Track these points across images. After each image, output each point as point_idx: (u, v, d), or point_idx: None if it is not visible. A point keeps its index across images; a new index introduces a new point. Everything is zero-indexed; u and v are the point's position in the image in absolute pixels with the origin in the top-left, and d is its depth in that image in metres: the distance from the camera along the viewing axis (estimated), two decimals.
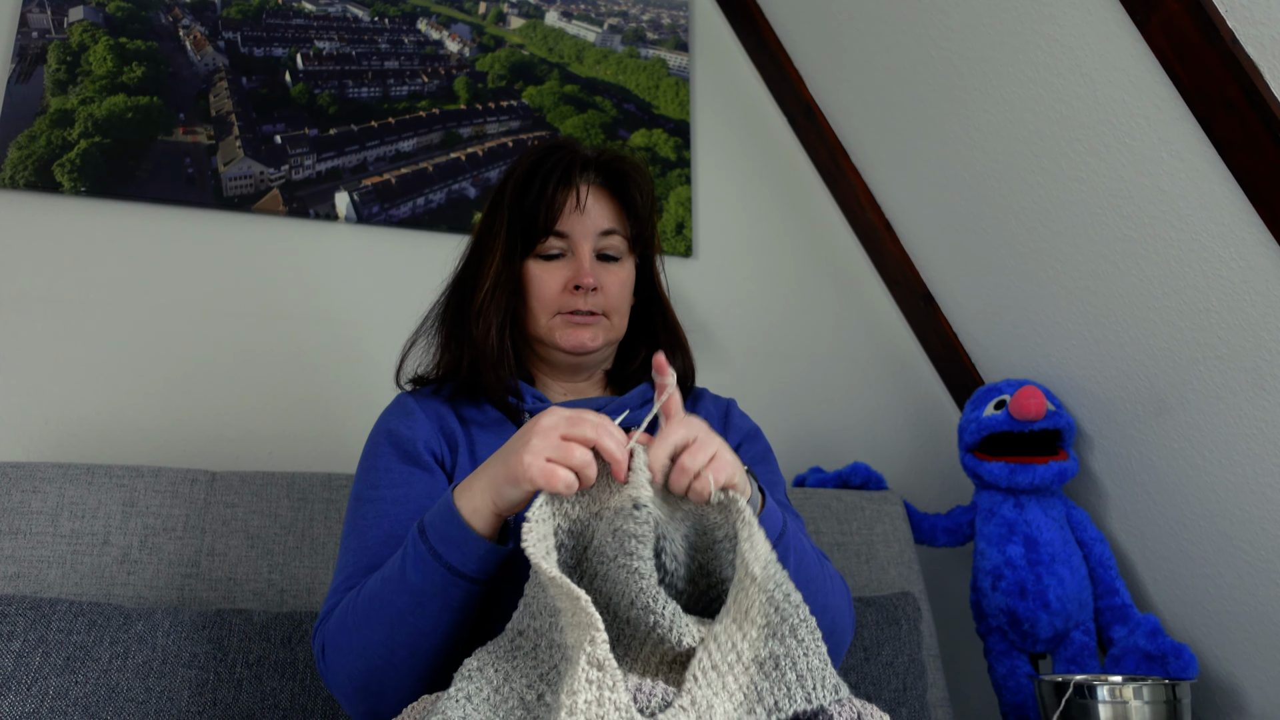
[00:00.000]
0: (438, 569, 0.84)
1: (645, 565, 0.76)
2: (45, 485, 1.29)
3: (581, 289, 1.08)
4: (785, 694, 0.72)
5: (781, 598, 0.76)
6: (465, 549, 0.84)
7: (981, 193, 1.76)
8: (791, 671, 0.73)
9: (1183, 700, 1.39)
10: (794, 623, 0.76)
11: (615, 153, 1.14)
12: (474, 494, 0.84)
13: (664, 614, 0.76)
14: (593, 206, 1.10)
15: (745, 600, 0.77)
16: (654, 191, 1.16)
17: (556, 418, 0.81)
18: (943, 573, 1.95)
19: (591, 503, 0.81)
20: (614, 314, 1.11)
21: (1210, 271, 1.43)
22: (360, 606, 0.89)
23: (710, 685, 0.72)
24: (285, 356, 1.65)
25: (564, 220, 1.09)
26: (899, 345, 2.09)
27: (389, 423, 1.07)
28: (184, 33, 1.73)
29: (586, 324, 1.09)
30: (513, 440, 0.83)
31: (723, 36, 2.12)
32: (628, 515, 0.77)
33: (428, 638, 0.86)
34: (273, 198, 1.70)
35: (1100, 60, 1.46)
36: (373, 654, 0.87)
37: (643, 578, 0.76)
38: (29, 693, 1.06)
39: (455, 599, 0.85)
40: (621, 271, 1.12)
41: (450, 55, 1.90)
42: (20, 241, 1.55)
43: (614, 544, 0.77)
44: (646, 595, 0.76)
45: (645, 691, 0.71)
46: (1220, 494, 1.54)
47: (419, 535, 0.86)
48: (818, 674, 0.74)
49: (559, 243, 1.09)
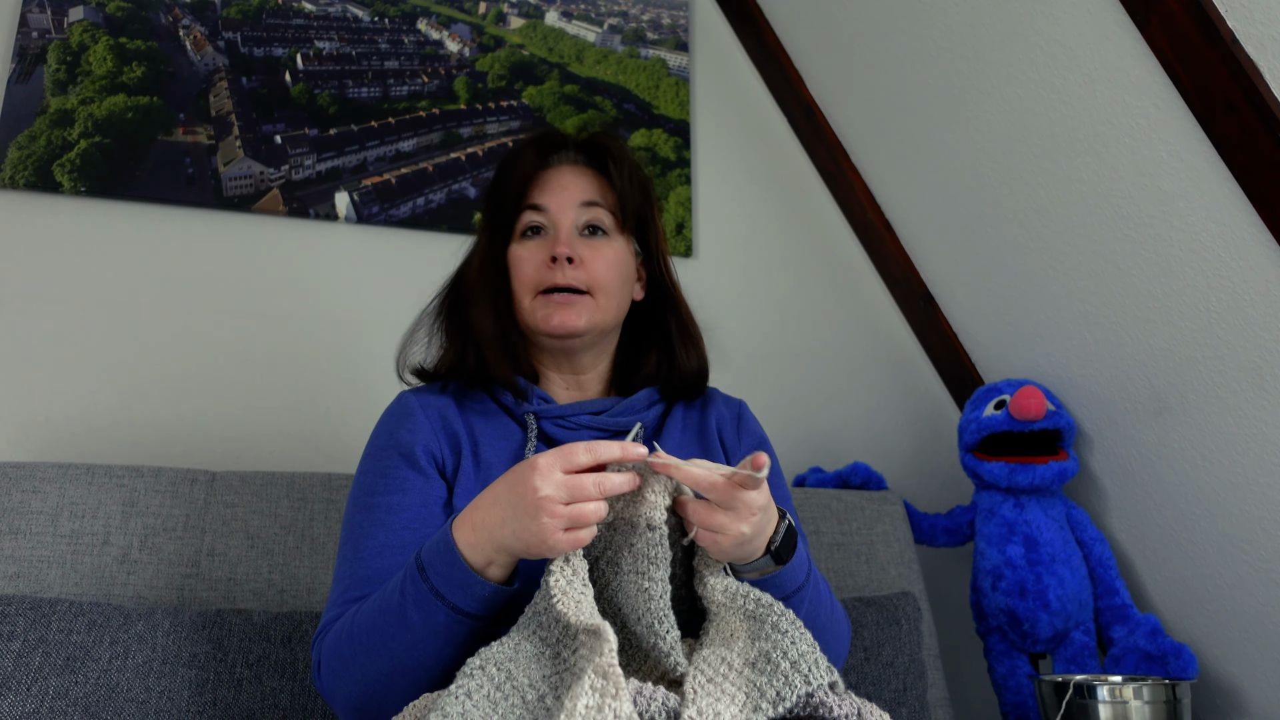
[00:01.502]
0: (441, 608, 0.83)
1: (656, 586, 0.78)
2: (45, 485, 1.29)
3: (558, 261, 1.04)
4: (785, 683, 0.73)
5: (753, 605, 0.79)
6: (469, 590, 0.82)
7: (981, 193, 1.76)
8: (784, 660, 0.74)
9: (1183, 700, 1.39)
10: (774, 619, 0.77)
11: (594, 131, 1.14)
12: (481, 545, 0.82)
13: (666, 638, 0.77)
14: (572, 180, 1.09)
15: (724, 626, 0.79)
16: (640, 169, 1.13)
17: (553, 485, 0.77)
18: (943, 573, 1.95)
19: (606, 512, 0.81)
20: (599, 292, 1.06)
21: (1210, 271, 1.43)
22: (358, 637, 0.87)
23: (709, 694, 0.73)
24: (285, 356, 1.65)
25: (540, 192, 1.08)
26: (899, 345, 2.09)
27: (389, 426, 1.06)
28: (184, 33, 1.73)
29: (568, 302, 1.04)
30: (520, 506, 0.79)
31: (723, 36, 2.12)
32: (642, 534, 0.78)
33: (430, 670, 0.85)
34: (273, 198, 1.70)
35: (1100, 60, 1.46)
36: (371, 681, 0.87)
37: (652, 599, 0.77)
38: (29, 693, 1.06)
39: (459, 635, 0.84)
40: (608, 249, 1.08)
41: (450, 55, 1.90)
42: (20, 241, 1.55)
43: (629, 558, 0.79)
44: (652, 616, 0.77)
45: (645, 695, 0.72)
46: (1220, 494, 1.54)
47: (418, 573, 0.84)
48: (809, 658, 0.75)
49: (537, 216, 1.08)
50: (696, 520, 0.81)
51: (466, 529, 0.84)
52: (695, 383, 1.14)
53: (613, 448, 0.79)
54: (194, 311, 1.62)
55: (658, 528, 0.78)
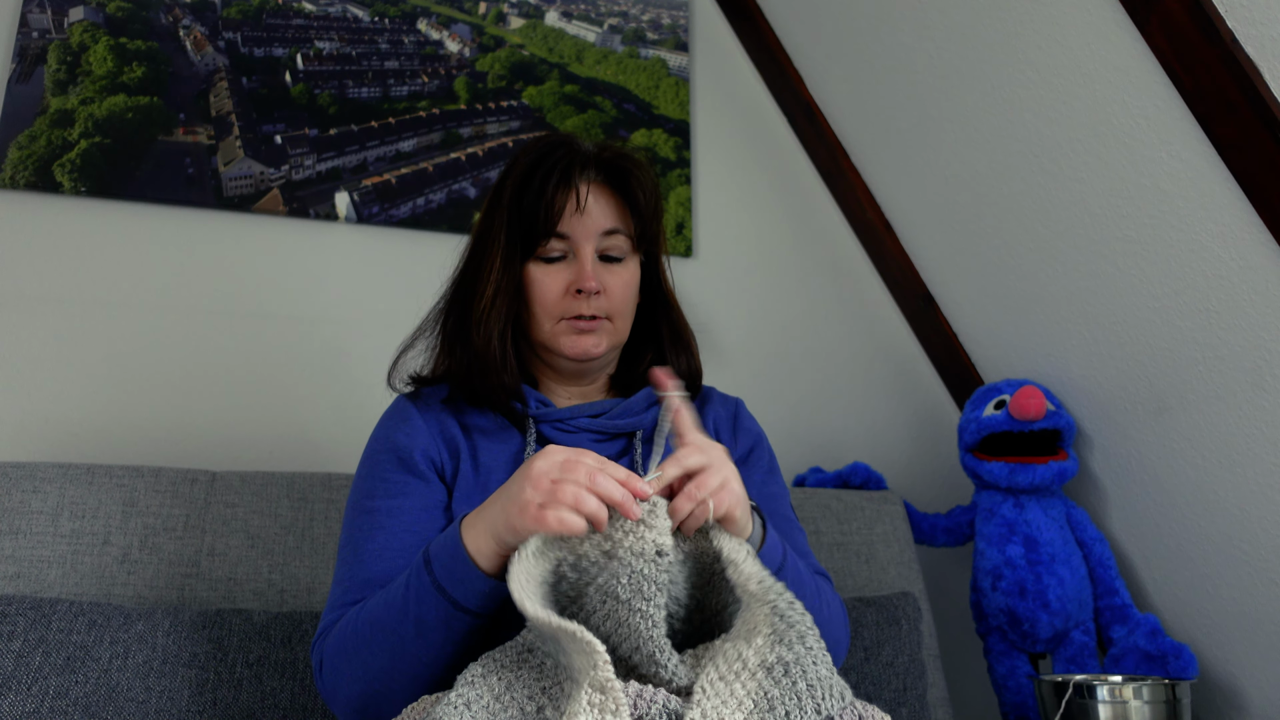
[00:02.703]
0: (442, 603, 0.83)
1: (658, 614, 0.76)
2: (45, 485, 1.29)
3: (584, 293, 1.05)
4: (796, 703, 0.71)
5: (786, 605, 0.77)
6: (470, 585, 0.83)
7: (981, 193, 1.76)
8: (802, 680, 0.73)
9: (1183, 700, 1.39)
10: (801, 630, 0.76)
11: (617, 149, 1.10)
12: (478, 533, 0.83)
13: (667, 666, 0.76)
14: (594, 206, 1.06)
15: (751, 617, 0.77)
16: (658, 188, 1.12)
17: (548, 463, 0.79)
18: (943, 573, 1.95)
19: (604, 540, 0.79)
20: (617, 317, 1.08)
21: (1210, 271, 1.43)
22: (361, 631, 0.88)
23: (718, 695, 0.72)
24: (286, 356, 1.65)
25: (564, 222, 1.05)
26: (899, 345, 2.09)
27: (387, 429, 1.06)
28: (184, 33, 1.73)
29: (590, 329, 1.06)
30: (511, 486, 0.82)
31: (723, 36, 2.12)
32: (650, 560, 0.77)
33: (428, 666, 0.86)
34: (273, 198, 1.70)
35: (1100, 60, 1.46)
36: (372, 678, 0.87)
37: (654, 626, 0.76)
38: (29, 693, 1.06)
39: (458, 631, 0.84)
40: (625, 273, 1.08)
41: (450, 55, 1.90)
42: (20, 241, 1.55)
43: (629, 586, 0.77)
44: (653, 644, 0.76)
45: (646, 698, 0.71)
46: (1220, 494, 1.54)
47: (424, 566, 0.85)
48: (825, 683, 0.73)
49: (560, 244, 1.06)
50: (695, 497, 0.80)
51: (472, 520, 0.85)
52: (688, 385, 1.14)
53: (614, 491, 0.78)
54: (194, 311, 1.62)
55: (667, 554, 0.77)
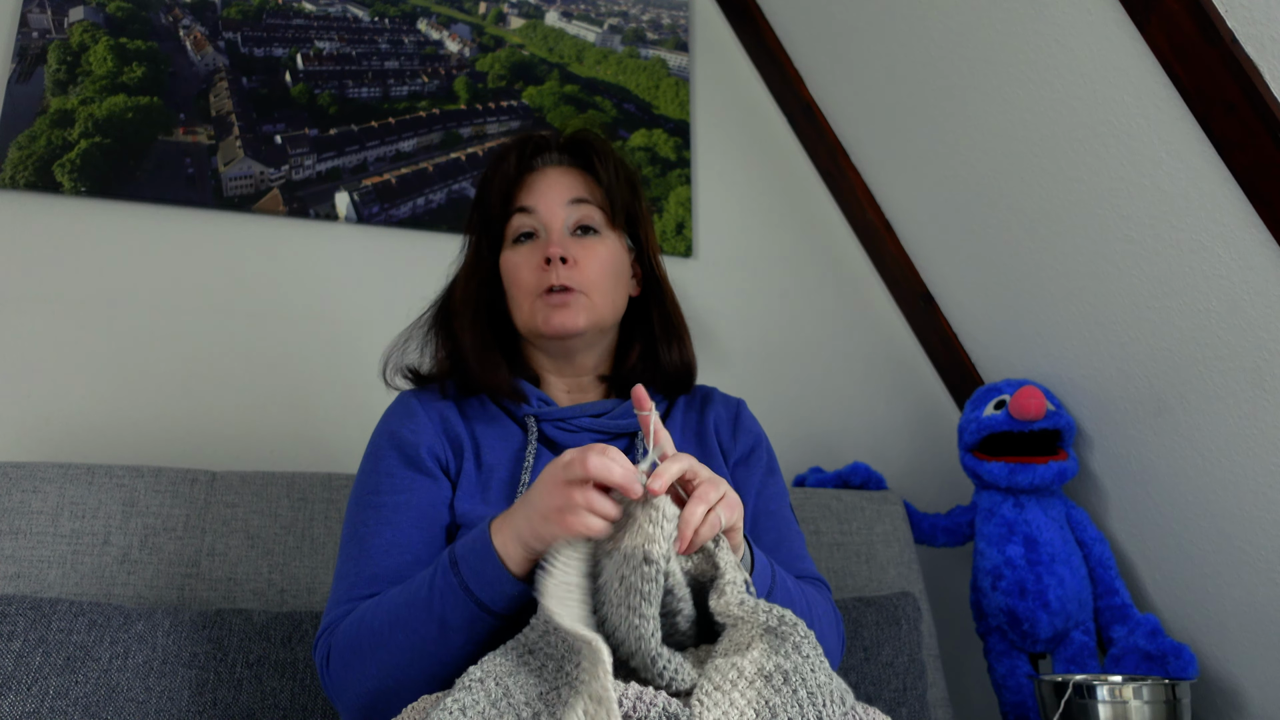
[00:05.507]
0: (469, 604, 0.83)
1: (648, 624, 0.74)
2: (45, 485, 1.29)
3: (552, 262, 1.04)
4: (798, 710, 0.70)
5: (775, 621, 0.76)
6: (498, 588, 0.82)
7: (981, 193, 1.76)
8: (803, 689, 0.72)
9: (1182, 700, 1.39)
10: (796, 640, 0.75)
11: (575, 131, 1.12)
12: (506, 538, 0.83)
13: (665, 673, 0.75)
14: (557, 178, 1.08)
15: (738, 637, 0.76)
16: (625, 163, 1.12)
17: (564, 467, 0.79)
18: (943, 573, 1.95)
19: (607, 541, 0.79)
20: (594, 292, 1.06)
21: (1210, 271, 1.43)
22: (378, 628, 0.87)
23: (718, 705, 0.71)
24: (285, 356, 1.65)
25: (527, 194, 1.07)
26: (899, 345, 2.09)
27: (391, 425, 1.05)
28: (184, 33, 1.73)
29: (564, 303, 1.04)
30: (533, 492, 0.81)
31: (723, 36, 2.12)
32: (636, 567, 0.75)
33: (446, 666, 0.85)
34: (273, 198, 1.70)
35: (1100, 60, 1.46)
36: (386, 675, 0.86)
37: (643, 637, 0.74)
38: (29, 693, 1.06)
39: (481, 633, 0.84)
40: (599, 246, 1.07)
41: (450, 55, 1.90)
42: (20, 241, 1.55)
43: (620, 590, 0.75)
44: (645, 655, 0.74)
45: (646, 701, 0.70)
46: (1220, 494, 1.54)
47: (450, 567, 0.85)
48: (825, 690, 0.73)
49: (528, 220, 1.07)
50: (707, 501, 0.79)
51: (499, 525, 0.84)
52: (680, 377, 1.13)
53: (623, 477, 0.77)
54: (194, 311, 1.62)
55: (655, 562, 0.74)
